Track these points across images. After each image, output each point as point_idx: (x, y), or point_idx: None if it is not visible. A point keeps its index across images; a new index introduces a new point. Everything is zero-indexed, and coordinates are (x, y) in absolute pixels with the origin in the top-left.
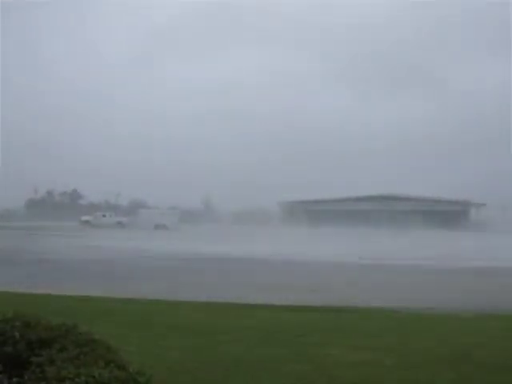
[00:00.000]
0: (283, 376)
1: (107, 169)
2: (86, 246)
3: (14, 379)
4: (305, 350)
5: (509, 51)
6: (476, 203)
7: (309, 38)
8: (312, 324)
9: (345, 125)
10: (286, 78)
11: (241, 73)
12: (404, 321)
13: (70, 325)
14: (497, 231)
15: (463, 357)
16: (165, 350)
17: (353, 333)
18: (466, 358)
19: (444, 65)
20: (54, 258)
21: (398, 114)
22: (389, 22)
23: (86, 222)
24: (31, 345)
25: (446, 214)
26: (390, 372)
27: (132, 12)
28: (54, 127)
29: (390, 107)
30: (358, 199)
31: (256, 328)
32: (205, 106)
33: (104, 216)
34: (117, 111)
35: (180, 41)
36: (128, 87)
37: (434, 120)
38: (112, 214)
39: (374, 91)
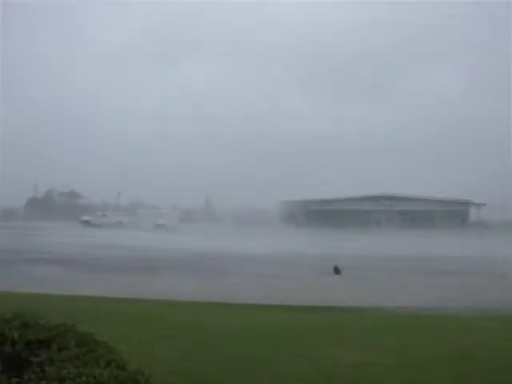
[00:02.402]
0: (283, 377)
1: (107, 169)
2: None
3: (14, 379)
4: (304, 350)
5: (491, 51)
6: (476, 203)
7: (275, 44)
8: (312, 324)
9: (339, 127)
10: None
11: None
12: (404, 320)
13: (69, 325)
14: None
15: (463, 357)
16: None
17: (353, 333)
18: (465, 358)
19: (423, 64)
20: None
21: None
22: (354, 26)
23: (86, 221)
24: (30, 345)
25: (446, 214)
26: (390, 372)
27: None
28: (53, 127)
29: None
30: (359, 199)
31: (255, 328)
32: (203, 107)
33: (104, 216)
34: (117, 111)
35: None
36: (128, 88)
37: (432, 120)
38: (112, 214)
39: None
